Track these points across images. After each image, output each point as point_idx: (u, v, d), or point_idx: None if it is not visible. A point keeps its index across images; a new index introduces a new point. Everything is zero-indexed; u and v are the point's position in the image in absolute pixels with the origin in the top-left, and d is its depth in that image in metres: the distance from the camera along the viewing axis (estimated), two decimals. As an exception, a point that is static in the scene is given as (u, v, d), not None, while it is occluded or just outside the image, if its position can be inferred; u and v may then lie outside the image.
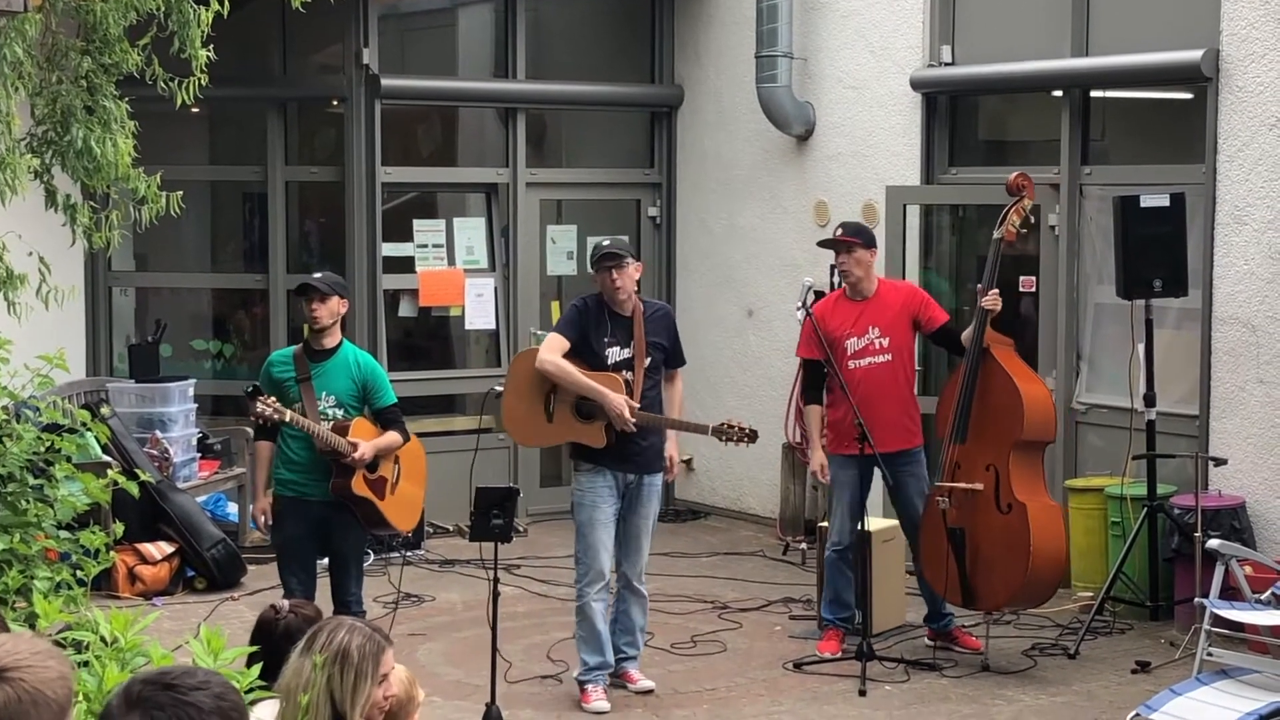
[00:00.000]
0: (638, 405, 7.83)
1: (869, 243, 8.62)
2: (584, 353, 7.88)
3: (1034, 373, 8.84)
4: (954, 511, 8.34)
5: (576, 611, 7.96)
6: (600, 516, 7.87)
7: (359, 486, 7.66)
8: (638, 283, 8.00)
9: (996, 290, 8.34)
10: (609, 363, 7.87)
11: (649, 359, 7.93)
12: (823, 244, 8.87)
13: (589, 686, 7.82)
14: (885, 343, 8.52)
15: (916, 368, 9.38)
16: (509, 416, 8.20)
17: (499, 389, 8.36)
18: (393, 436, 7.76)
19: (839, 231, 8.65)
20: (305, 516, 7.69)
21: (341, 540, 7.77)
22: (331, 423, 7.62)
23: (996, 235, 8.45)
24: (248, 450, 10.39)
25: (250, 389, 7.59)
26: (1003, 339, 8.53)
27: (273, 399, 7.53)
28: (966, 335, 8.46)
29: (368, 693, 4.08)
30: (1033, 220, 9.29)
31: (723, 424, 8.09)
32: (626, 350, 7.90)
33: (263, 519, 7.85)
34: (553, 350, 7.88)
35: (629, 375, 7.87)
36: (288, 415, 7.50)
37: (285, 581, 7.75)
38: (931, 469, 8.76)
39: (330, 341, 7.75)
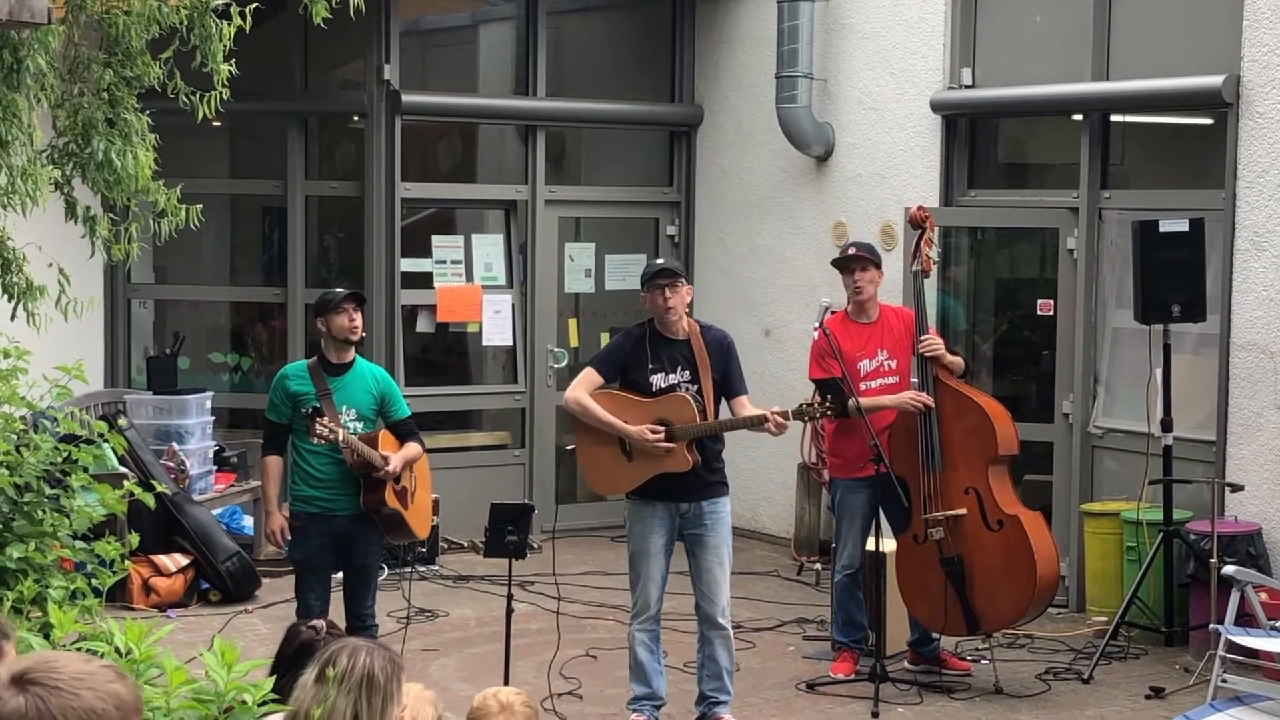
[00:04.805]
0: (711, 419, 7.51)
1: (879, 263, 8.62)
2: (633, 383, 7.63)
3: (983, 391, 8.92)
4: (948, 540, 8.33)
5: (628, 639, 7.81)
6: (649, 548, 7.62)
7: (390, 499, 7.71)
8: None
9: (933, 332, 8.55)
10: (653, 390, 7.56)
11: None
12: (836, 262, 8.70)
13: (634, 716, 7.73)
14: (894, 365, 8.51)
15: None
16: (588, 469, 7.87)
17: (570, 446, 8.00)
18: (414, 448, 7.83)
19: (851, 249, 8.63)
20: (329, 532, 7.68)
21: (363, 553, 7.79)
22: (357, 436, 7.65)
23: (915, 269, 8.54)
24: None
25: (310, 409, 7.55)
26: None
27: (328, 420, 7.52)
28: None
29: (395, 714, 4.08)
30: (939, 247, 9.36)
31: (800, 406, 7.71)
32: (674, 375, 7.56)
33: (279, 534, 7.86)
34: (580, 387, 7.64)
35: (695, 391, 7.53)
36: (340, 434, 7.51)
37: (304, 599, 7.72)
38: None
39: (349, 356, 7.79)
